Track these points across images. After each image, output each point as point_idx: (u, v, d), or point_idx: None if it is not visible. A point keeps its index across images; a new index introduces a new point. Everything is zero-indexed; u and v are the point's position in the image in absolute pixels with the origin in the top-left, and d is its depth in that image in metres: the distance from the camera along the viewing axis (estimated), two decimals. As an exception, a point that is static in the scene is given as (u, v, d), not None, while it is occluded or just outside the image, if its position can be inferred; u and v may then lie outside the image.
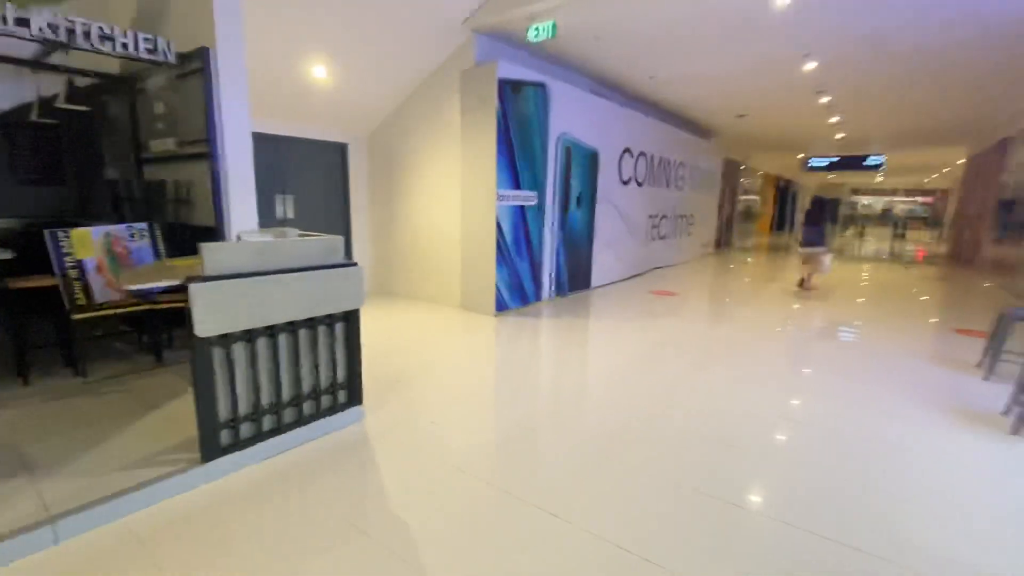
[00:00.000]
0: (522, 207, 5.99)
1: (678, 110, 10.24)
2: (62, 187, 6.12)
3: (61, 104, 3.96)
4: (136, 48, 3.56)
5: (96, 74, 4.50)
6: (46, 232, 3.31)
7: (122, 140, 4.89)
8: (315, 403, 2.87)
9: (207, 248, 2.32)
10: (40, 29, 3.13)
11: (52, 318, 3.63)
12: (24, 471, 2.33)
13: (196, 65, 3.75)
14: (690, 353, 4.70)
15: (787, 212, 26.60)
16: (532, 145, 5.98)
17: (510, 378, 3.97)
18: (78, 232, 3.49)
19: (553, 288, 6.89)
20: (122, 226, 3.75)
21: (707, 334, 5.42)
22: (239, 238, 2.95)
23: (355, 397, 3.07)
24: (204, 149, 3.85)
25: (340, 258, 2.90)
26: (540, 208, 6.30)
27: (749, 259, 13.10)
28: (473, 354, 4.53)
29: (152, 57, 3.65)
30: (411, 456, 2.70)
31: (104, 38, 3.40)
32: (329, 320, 2.86)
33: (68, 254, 3.40)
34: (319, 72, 5.32)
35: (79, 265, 3.46)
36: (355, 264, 2.93)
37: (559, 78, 6.67)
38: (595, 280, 7.88)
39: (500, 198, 5.61)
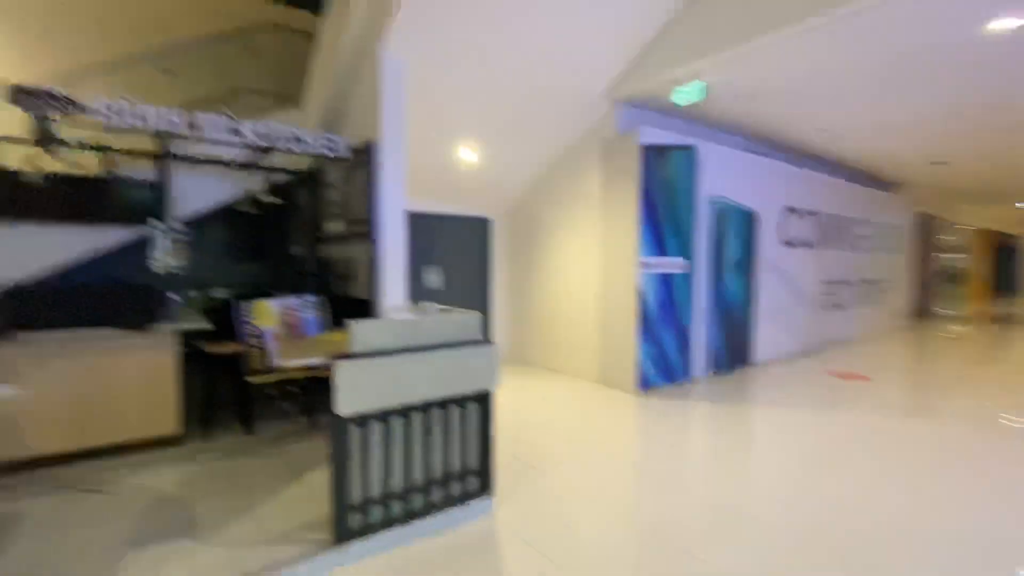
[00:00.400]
0: (668, 275, 5.51)
1: (855, 162, 8.96)
2: (262, 263, 7.31)
3: (263, 197, 4.68)
4: (319, 147, 4.12)
5: (290, 171, 5.36)
6: (232, 304, 3.81)
7: (307, 224, 5.67)
8: (445, 490, 2.69)
9: (354, 326, 2.36)
10: (250, 137, 3.78)
11: (233, 380, 4.12)
12: (185, 533, 2.48)
13: (364, 157, 4.21)
14: (884, 456, 3.62)
15: (1010, 273, 21.31)
16: (678, 210, 5.57)
17: (655, 472, 3.40)
18: (260, 304, 3.97)
19: (707, 365, 6.11)
20: (295, 299, 4.20)
21: (905, 430, 4.19)
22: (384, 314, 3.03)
23: (487, 486, 2.83)
24: (364, 229, 4.23)
25: (477, 335, 2.79)
26: (690, 276, 5.74)
27: (957, 332, 10.48)
28: (612, 440, 4.04)
29: (331, 153, 4.19)
30: (543, 559, 2.32)
31: (297, 140, 3.99)
32: (462, 401, 2.72)
33: (250, 323, 3.87)
34: (467, 154, 5.69)
35: (260, 333, 3.91)
36: (491, 342, 2.79)
37: (709, 138, 6.26)
38: (757, 356, 6.85)
39: (643, 266, 5.24)
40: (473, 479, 2.79)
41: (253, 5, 6.17)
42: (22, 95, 2.96)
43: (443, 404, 2.66)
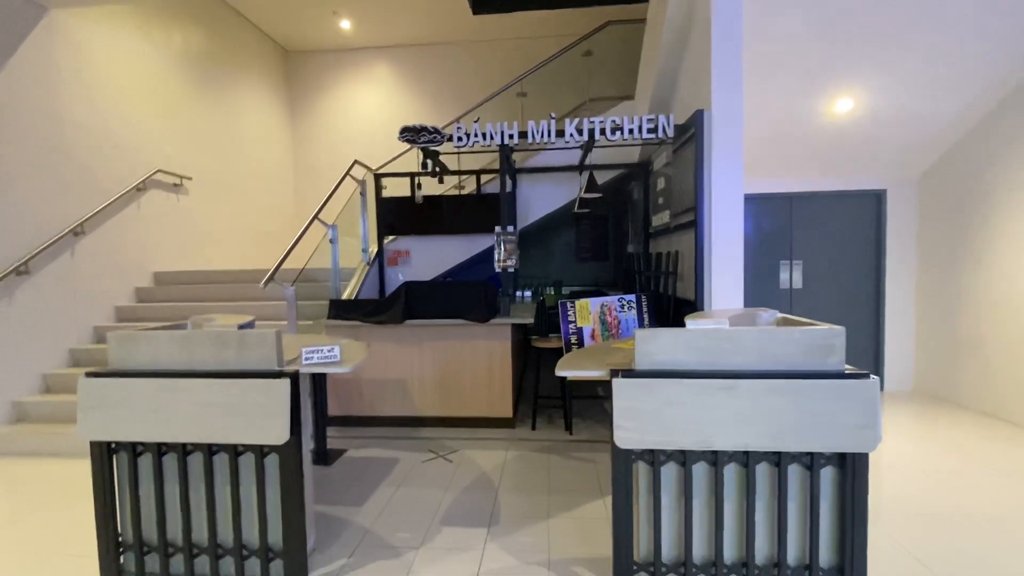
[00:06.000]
0: None
1: None
2: (597, 262, 7.57)
3: (585, 195, 4.68)
4: (640, 131, 3.73)
5: (621, 166, 5.21)
6: (559, 304, 3.86)
7: (638, 219, 5.43)
8: (776, 584, 1.84)
9: (640, 335, 1.85)
10: (571, 135, 3.74)
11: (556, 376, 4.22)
12: (488, 523, 2.54)
13: (691, 133, 3.58)
14: None
15: None
16: None
17: None
18: (581, 303, 3.91)
19: None
20: (614, 298, 3.96)
21: None
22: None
23: (849, 601, 1.80)
24: (690, 218, 3.59)
25: (838, 362, 1.79)
26: None
27: None
28: None
29: (653, 136, 3.75)
30: None
31: (615, 129, 3.72)
32: (809, 460, 1.79)
33: (572, 322, 3.85)
34: (844, 109, 4.17)
35: (579, 332, 3.86)
36: (866, 376, 1.74)
37: None
38: None
39: None
40: (827, 583, 1.81)
41: (590, 14, 6.38)
42: (406, 132, 3.76)
43: (777, 459, 1.81)
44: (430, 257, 5.34)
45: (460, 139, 3.77)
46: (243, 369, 2.00)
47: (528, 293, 6.37)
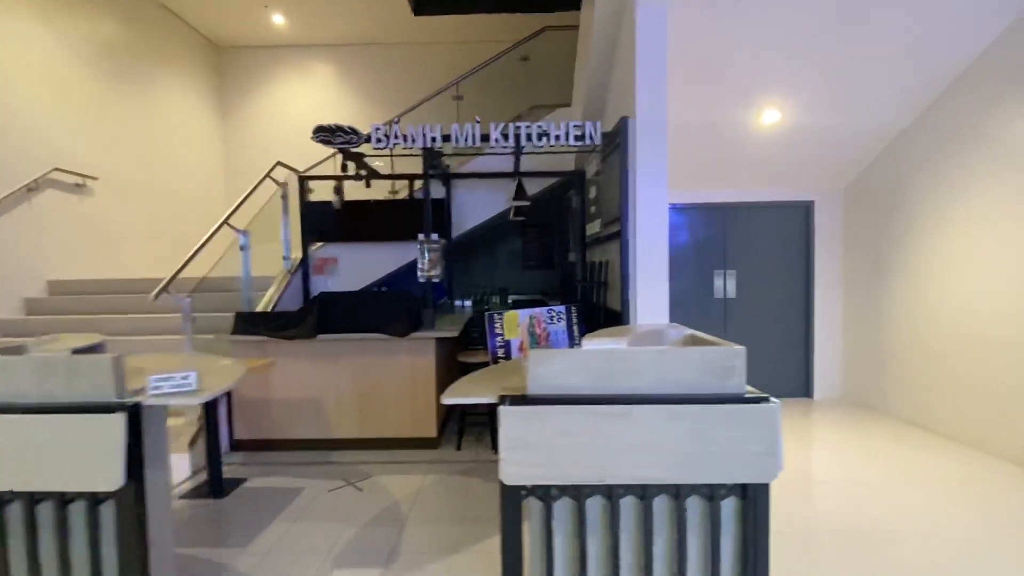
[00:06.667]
0: None
1: None
2: (552, 270, 7.46)
3: (514, 202, 4.53)
4: (568, 138, 3.61)
5: (558, 173, 5.10)
6: (486, 315, 3.68)
7: (576, 227, 5.34)
8: (677, 627, 1.69)
9: (532, 357, 1.68)
10: (496, 140, 3.58)
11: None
12: (386, 561, 2.30)
13: (618, 141, 3.49)
14: None
15: None
16: None
17: None
18: (509, 314, 3.74)
19: None
20: (543, 309, 3.82)
21: None
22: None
23: (754, 641, 1.68)
24: (617, 228, 3.50)
25: (738, 385, 1.68)
26: None
27: None
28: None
29: (580, 143, 3.64)
30: None
31: (541, 135, 3.59)
32: (710, 491, 1.66)
33: (500, 334, 3.67)
34: (771, 121, 4.20)
35: (507, 345, 3.68)
36: (766, 399, 1.63)
37: None
38: None
39: None
40: (730, 623, 1.68)
41: (531, 20, 6.30)
42: (321, 132, 3.50)
43: (676, 492, 1.67)
44: (360, 265, 5.05)
45: (379, 140, 3.54)
46: (72, 402, 1.70)
47: (468, 302, 6.18)
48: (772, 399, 1.63)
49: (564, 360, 1.66)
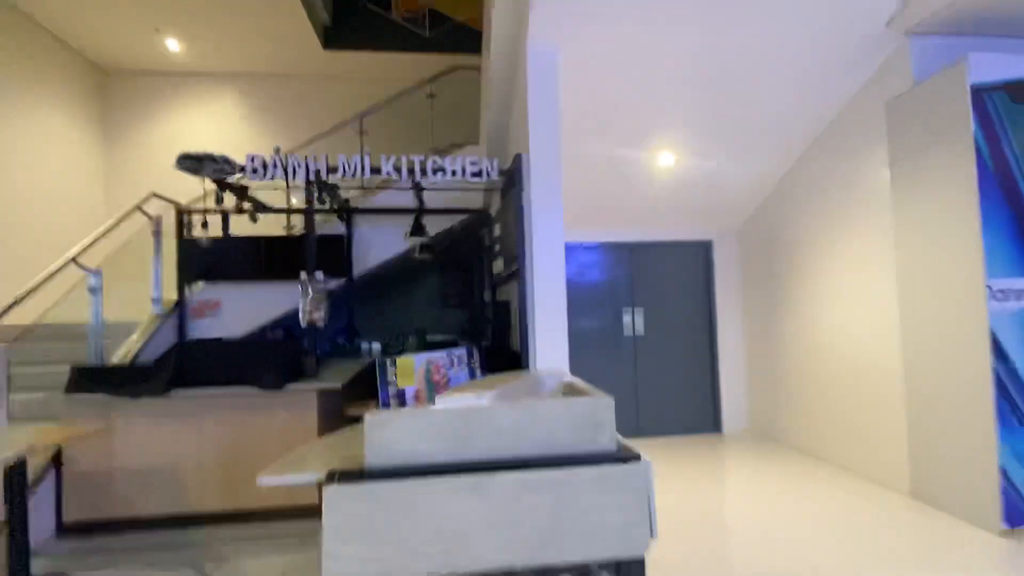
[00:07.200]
0: (1058, 312, 2.96)
1: None
2: (444, 311, 7.21)
3: (417, 240, 4.33)
4: (464, 173, 3.49)
5: (466, 210, 4.97)
6: (377, 362, 3.36)
7: (487, 266, 5.19)
8: None
9: (369, 422, 1.42)
10: (388, 173, 3.38)
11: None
12: None
13: (516, 178, 3.40)
14: None
15: None
16: (1072, 190, 3.01)
17: None
18: (403, 360, 3.43)
19: None
20: (442, 353, 3.56)
21: None
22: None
23: None
24: (515, 267, 3.37)
25: (608, 441, 1.51)
26: (1112, 312, 3.01)
27: None
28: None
29: (478, 179, 3.52)
30: None
31: (436, 170, 3.44)
32: (581, 572, 1.45)
33: (392, 383, 3.36)
34: (666, 162, 4.34)
35: (401, 394, 3.37)
36: (636, 457, 1.47)
37: None
38: None
39: (998, 295, 2.89)
40: None
41: (442, 60, 6.32)
42: (187, 160, 3.13)
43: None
44: (248, 307, 4.56)
45: (255, 171, 3.22)
46: None
47: (378, 345, 5.77)
48: (643, 456, 1.47)
49: (409, 423, 1.42)
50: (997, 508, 2.82)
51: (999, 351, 2.86)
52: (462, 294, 7.39)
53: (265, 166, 3.21)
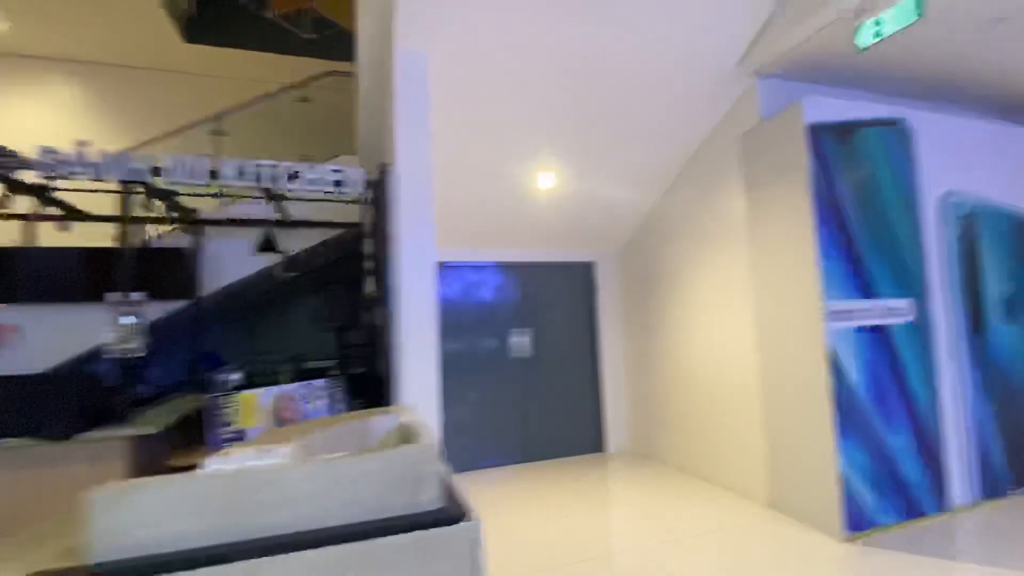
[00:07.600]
0: (882, 328, 3.28)
1: None
2: (358, 331, 6.63)
3: (258, 253, 3.88)
4: (323, 183, 3.14)
5: (343, 224, 4.57)
6: (207, 401, 2.85)
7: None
8: None
9: (97, 501, 1.05)
10: (229, 177, 2.93)
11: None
12: None
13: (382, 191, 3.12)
14: None
15: None
16: (887, 222, 3.39)
17: None
18: (245, 396, 2.96)
19: (976, 481, 3.50)
20: (297, 385, 3.13)
21: None
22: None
23: None
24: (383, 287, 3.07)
25: (431, 500, 1.26)
26: (922, 327, 3.40)
27: None
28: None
29: (339, 191, 3.18)
30: None
31: (292, 177, 3.05)
32: (390, 665, 1.18)
33: (228, 424, 2.86)
34: (547, 184, 4.31)
35: (241, 437, 2.88)
36: (462, 516, 1.23)
37: (924, 106, 3.94)
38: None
39: (834, 316, 3.13)
40: None
41: (316, 64, 5.91)
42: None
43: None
44: (56, 335, 3.74)
45: (48, 165, 2.62)
46: None
47: (236, 376, 5.07)
48: (471, 514, 1.24)
49: (155, 496, 1.07)
50: (840, 515, 3.01)
51: (836, 367, 3.09)
52: (348, 315, 6.83)
53: (62, 161, 2.62)
